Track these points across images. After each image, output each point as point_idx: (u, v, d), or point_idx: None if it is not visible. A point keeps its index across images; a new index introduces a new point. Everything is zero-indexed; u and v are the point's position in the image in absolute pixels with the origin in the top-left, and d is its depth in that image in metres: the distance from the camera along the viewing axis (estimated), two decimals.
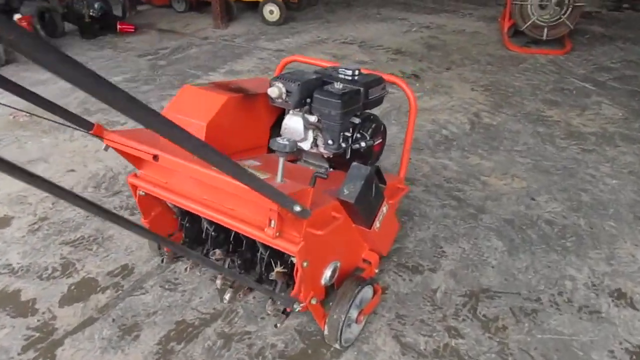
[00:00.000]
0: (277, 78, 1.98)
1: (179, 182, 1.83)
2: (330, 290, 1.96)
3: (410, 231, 2.66)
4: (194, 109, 1.92)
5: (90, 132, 1.78)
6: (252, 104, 2.06)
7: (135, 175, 1.93)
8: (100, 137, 1.79)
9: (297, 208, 1.42)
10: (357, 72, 2.07)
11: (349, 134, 1.99)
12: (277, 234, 1.60)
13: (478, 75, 4.98)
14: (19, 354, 1.94)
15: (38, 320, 2.09)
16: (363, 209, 1.79)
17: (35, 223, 2.69)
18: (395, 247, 2.52)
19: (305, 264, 1.64)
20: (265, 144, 2.24)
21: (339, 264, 1.91)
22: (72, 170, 3.24)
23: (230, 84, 2.11)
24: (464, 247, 2.55)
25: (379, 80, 2.10)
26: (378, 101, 2.13)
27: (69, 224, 2.68)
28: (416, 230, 2.67)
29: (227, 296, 1.97)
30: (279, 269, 1.88)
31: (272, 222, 1.58)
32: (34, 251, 2.47)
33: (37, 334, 2.03)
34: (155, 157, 1.71)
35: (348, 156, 2.10)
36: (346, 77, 2.06)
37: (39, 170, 3.22)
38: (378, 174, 1.95)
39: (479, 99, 4.41)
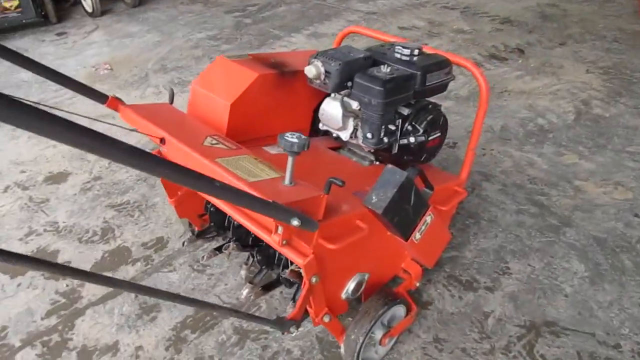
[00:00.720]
0: (316, 55, 1.69)
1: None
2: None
3: (472, 237, 2.30)
4: (221, 84, 1.72)
5: (104, 104, 1.67)
6: (290, 82, 1.81)
7: (159, 152, 1.79)
8: (116, 111, 1.69)
9: (295, 222, 1.18)
10: (416, 52, 1.72)
11: (393, 127, 1.67)
12: (284, 242, 1.38)
13: (599, 53, 4.23)
14: (41, 319, 1.96)
15: (67, 285, 2.10)
16: (396, 219, 1.49)
17: (88, 182, 2.72)
18: (450, 254, 2.19)
19: (314, 279, 1.40)
20: (306, 127, 2.00)
21: (366, 276, 1.66)
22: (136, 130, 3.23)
23: (271, 57, 1.87)
24: (535, 266, 2.15)
25: (442, 63, 1.74)
26: (439, 88, 1.76)
27: (119, 186, 2.67)
28: (480, 238, 2.30)
29: (244, 292, 1.81)
30: (293, 267, 1.67)
31: (279, 228, 1.36)
32: (81, 211, 2.50)
33: (63, 300, 2.04)
34: (162, 140, 1.56)
35: (395, 151, 1.79)
36: (402, 58, 1.72)
37: (105, 125, 3.26)
38: (423, 178, 1.62)
39: (594, 83, 3.73)
